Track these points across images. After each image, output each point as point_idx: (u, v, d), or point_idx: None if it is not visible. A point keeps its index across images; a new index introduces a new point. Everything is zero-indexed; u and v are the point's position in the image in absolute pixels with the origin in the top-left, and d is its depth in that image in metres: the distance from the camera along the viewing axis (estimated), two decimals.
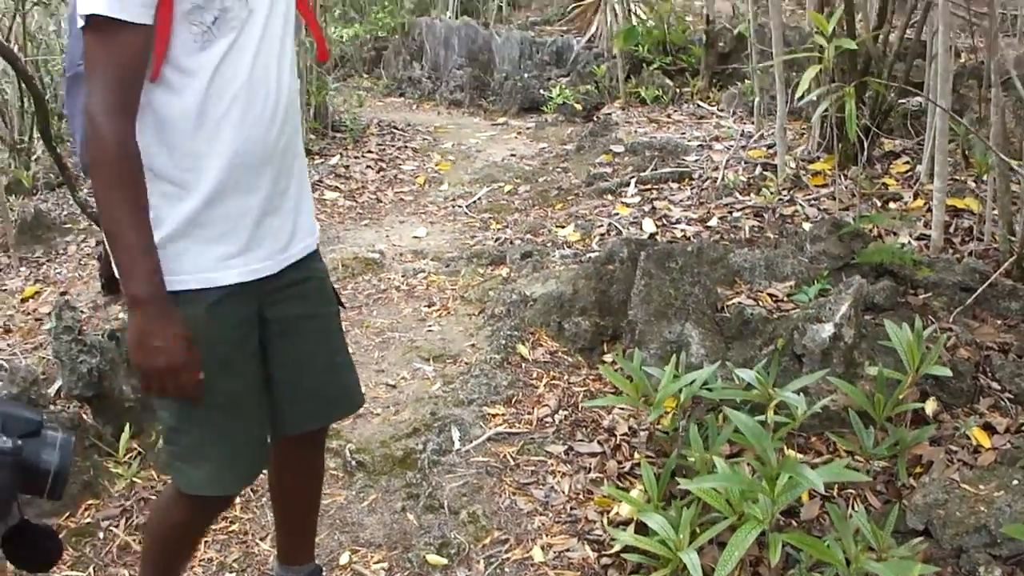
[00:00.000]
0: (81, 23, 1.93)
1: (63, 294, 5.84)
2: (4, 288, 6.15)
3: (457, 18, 12.46)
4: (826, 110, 5.28)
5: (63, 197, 8.01)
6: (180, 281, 2.09)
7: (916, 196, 5.38)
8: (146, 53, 1.98)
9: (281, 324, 2.29)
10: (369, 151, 8.75)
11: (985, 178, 4.94)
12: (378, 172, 8.18)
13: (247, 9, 2.06)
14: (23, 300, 5.85)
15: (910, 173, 5.70)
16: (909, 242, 4.86)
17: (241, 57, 2.07)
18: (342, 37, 14.01)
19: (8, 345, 5.11)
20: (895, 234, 4.99)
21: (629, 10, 9.69)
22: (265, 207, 2.17)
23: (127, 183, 1.98)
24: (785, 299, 4.32)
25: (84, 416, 3.86)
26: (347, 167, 8.21)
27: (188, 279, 2.10)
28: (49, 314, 5.49)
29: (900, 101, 5.96)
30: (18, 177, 8.43)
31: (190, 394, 2.08)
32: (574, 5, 11.93)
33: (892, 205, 5.38)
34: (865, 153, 5.47)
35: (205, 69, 2.03)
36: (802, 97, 4.86)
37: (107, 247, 2.10)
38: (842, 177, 5.66)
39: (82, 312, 5.12)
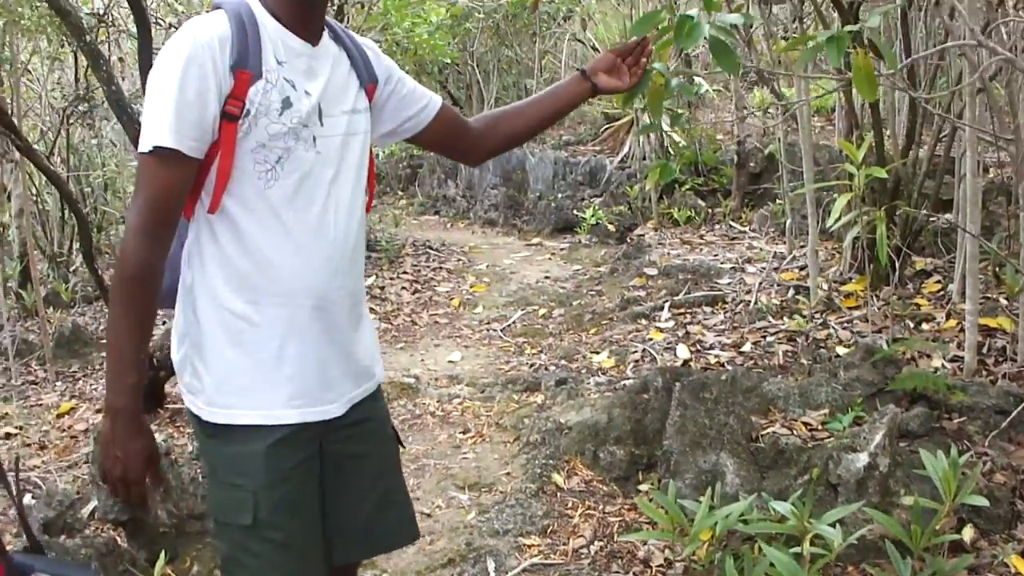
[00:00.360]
0: (144, 149, 2.01)
1: (98, 411, 5.90)
2: (40, 403, 6.22)
3: None
4: (858, 235, 5.32)
5: (100, 311, 8.13)
6: (241, 416, 2.13)
7: (948, 316, 5.38)
8: (188, 184, 2.05)
9: (336, 460, 2.30)
10: (404, 272, 8.87)
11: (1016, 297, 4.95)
12: (413, 294, 8.28)
13: (314, 151, 2.12)
14: (59, 416, 5.91)
15: (942, 292, 5.71)
16: (943, 365, 4.85)
17: (306, 199, 2.12)
18: (378, 155, 14.27)
19: (43, 462, 5.15)
20: (928, 357, 4.98)
21: (662, 132, 9.83)
22: (328, 349, 2.20)
23: (137, 301, 2.04)
24: (820, 427, 4.32)
25: (118, 540, 3.87)
26: (383, 288, 8.32)
27: (248, 415, 2.13)
28: (85, 431, 5.57)
29: (930, 219, 6.00)
30: (57, 290, 8.58)
31: (139, 504, 2.19)
32: (607, 125, 12.10)
33: (925, 326, 5.38)
34: (897, 273, 5.50)
35: (268, 207, 2.10)
36: (836, 222, 4.91)
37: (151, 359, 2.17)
38: (874, 298, 5.67)
39: None
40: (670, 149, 9.71)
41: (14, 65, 7.93)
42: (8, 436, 5.58)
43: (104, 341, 7.27)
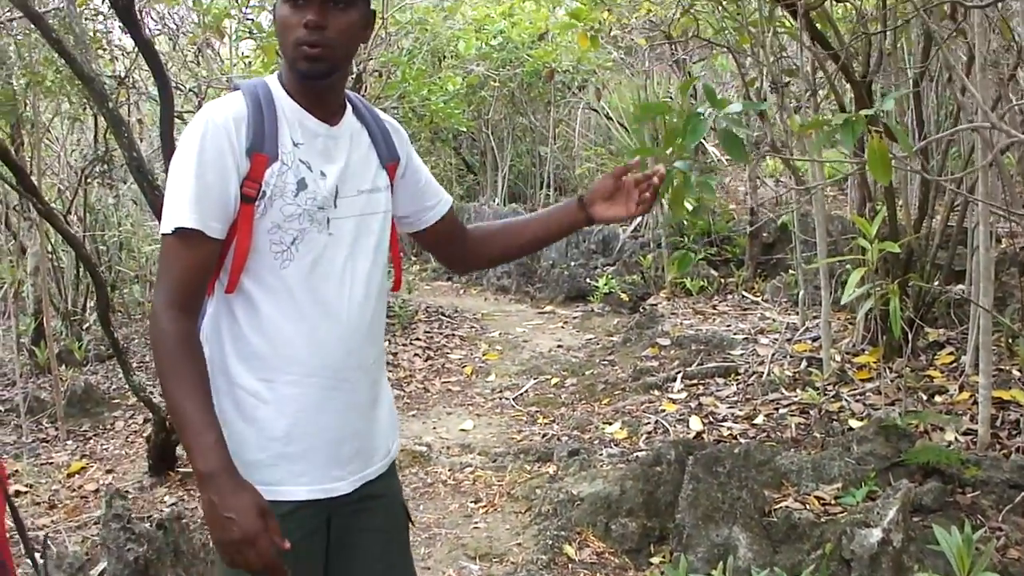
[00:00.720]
0: (166, 230, 2.04)
1: (109, 471, 5.91)
2: (51, 461, 6.22)
3: (505, 204, 12.74)
4: (871, 308, 5.34)
5: (112, 370, 8.15)
6: None
7: (961, 388, 5.37)
8: (212, 263, 2.08)
9: (342, 534, 2.30)
10: (417, 338, 8.89)
11: None
12: (426, 360, 8.29)
13: (326, 233, 2.15)
14: (69, 475, 5.92)
15: (955, 364, 5.71)
16: (956, 439, 4.84)
17: (320, 280, 2.14)
18: None
19: (52, 522, 5.16)
20: (941, 430, 4.98)
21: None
22: (341, 428, 2.21)
23: (188, 367, 2.03)
24: (833, 502, 4.30)
25: None
26: (395, 354, 8.33)
27: (258, 489, 2.11)
28: (96, 492, 5.57)
29: (943, 290, 6.01)
30: (70, 348, 8.61)
31: (271, 563, 2.00)
32: None
33: (938, 398, 5.37)
34: (909, 345, 5.50)
35: (284, 286, 2.12)
36: (850, 296, 4.93)
37: (156, 430, 2.15)
38: (887, 370, 5.67)
39: (128, 493, 5.18)
40: (683, 220, 9.74)
41: (36, 125, 8.04)
42: (18, 494, 5.58)
43: (117, 401, 7.34)
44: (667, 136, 2.69)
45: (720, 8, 5.68)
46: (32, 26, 5.47)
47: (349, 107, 2.29)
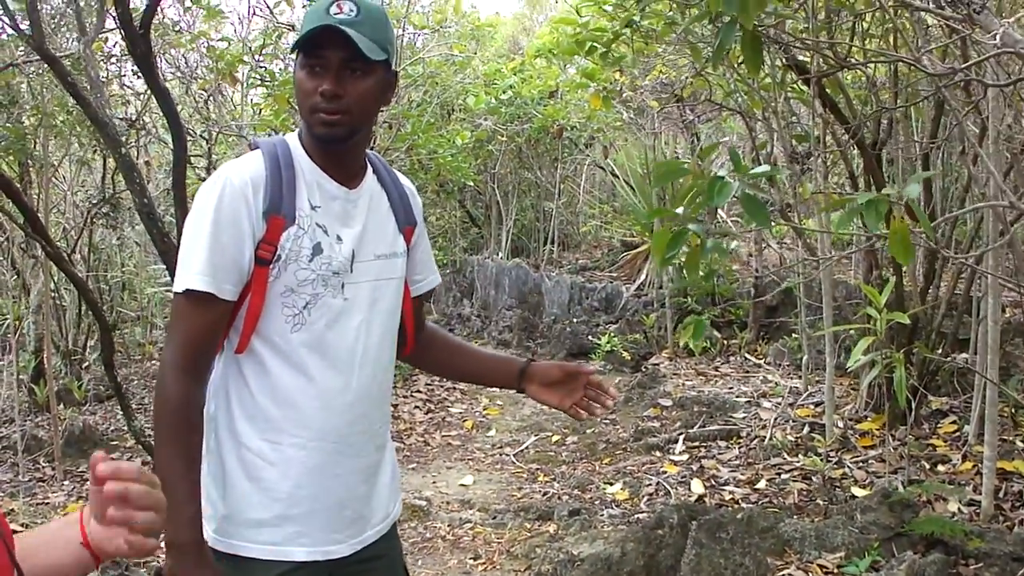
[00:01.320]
0: (178, 290, 2.04)
1: None
2: (46, 501, 6.18)
3: (509, 258, 12.77)
4: (878, 376, 5.32)
5: (111, 411, 8.11)
6: (248, 548, 2.12)
7: (964, 458, 5.35)
8: (222, 324, 2.08)
9: None
10: (418, 391, 8.87)
11: None
12: (426, 413, 8.27)
13: (341, 298, 2.14)
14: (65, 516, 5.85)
15: (957, 434, 5.69)
16: (959, 510, 4.82)
17: (332, 346, 2.14)
18: None
19: None
20: (944, 500, 4.95)
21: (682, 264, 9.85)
22: (344, 492, 2.20)
23: (183, 436, 2.03)
24: (836, 571, 4.27)
25: None
26: (396, 406, 8.30)
27: (258, 549, 2.12)
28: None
29: (948, 359, 6.00)
30: (69, 387, 8.59)
31: None
32: (624, 252, 12.20)
33: (940, 468, 5.35)
34: (913, 413, 5.48)
35: (295, 350, 2.11)
36: (855, 363, 4.92)
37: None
38: (890, 438, 5.65)
39: None
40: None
41: (45, 165, 8.07)
42: (14, 533, 5.51)
43: (116, 443, 7.29)
44: (679, 196, 2.69)
45: (732, 72, 5.71)
46: (46, 66, 5.50)
47: (369, 168, 2.29)
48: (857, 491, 5.14)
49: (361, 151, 2.25)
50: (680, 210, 2.63)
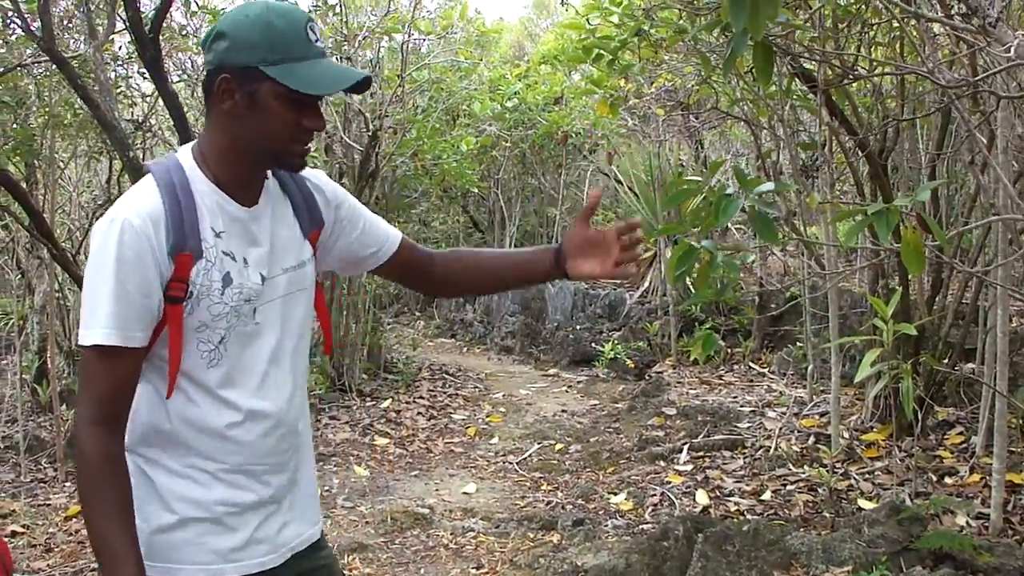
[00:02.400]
0: (85, 343, 1.95)
1: None
2: (48, 503, 6.15)
3: None
4: (885, 387, 5.30)
5: None
6: (179, 570, 2.09)
7: (972, 470, 5.32)
8: (137, 371, 2.01)
9: None
10: (421, 396, 8.84)
11: None
12: (429, 420, 8.24)
13: (253, 323, 2.10)
14: (66, 518, 5.83)
15: (965, 445, 5.66)
16: (968, 523, 4.79)
17: (247, 372, 2.10)
18: None
19: (48, 566, 5.09)
20: (952, 513, 4.92)
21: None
22: (269, 505, 2.18)
23: (109, 489, 1.96)
24: None
25: None
26: (398, 412, 8.29)
27: (190, 569, 2.09)
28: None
29: (955, 368, 5.96)
30: (71, 387, 8.56)
31: None
32: None
33: (948, 480, 5.32)
34: (919, 424, 5.45)
35: (217, 384, 2.07)
36: (863, 374, 4.89)
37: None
38: (897, 449, 5.62)
39: None
40: (692, 287, 9.71)
41: (52, 165, 8.06)
42: (15, 535, 5.51)
43: None
44: (690, 214, 2.67)
45: (738, 80, 5.69)
46: (53, 67, 5.49)
47: (271, 178, 2.21)
48: (864, 503, 5.11)
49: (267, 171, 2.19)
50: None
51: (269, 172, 2.19)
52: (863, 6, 4.84)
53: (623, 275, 2.36)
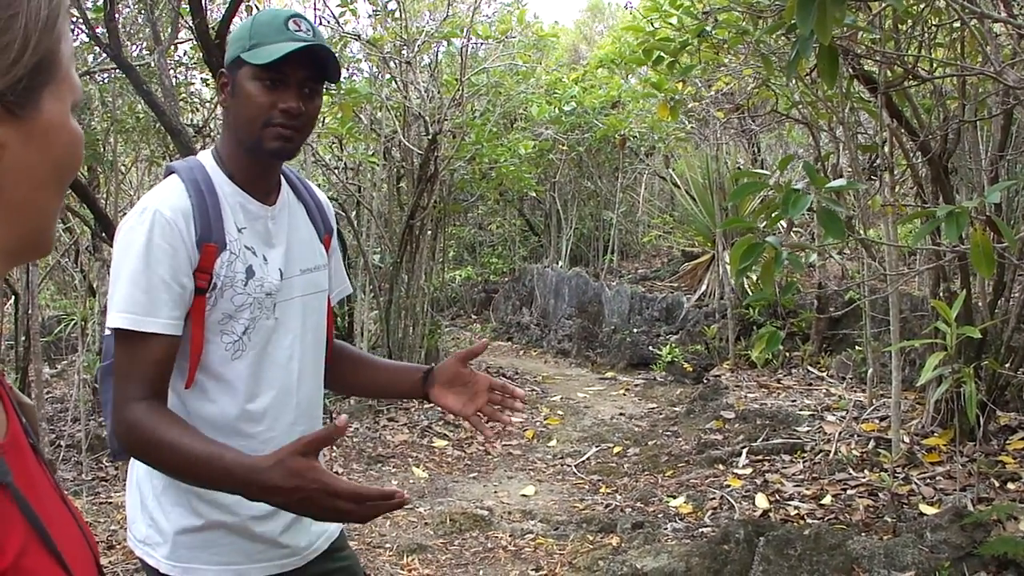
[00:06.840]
0: (117, 325, 1.97)
1: None
2: (109, 501, 6.22)
3: (568, 267, 12.75)
4: (947, 391, 5.25)
5: None
6: (203, 570, 2.13)
7: None
8: (172, 356, 2.02)
9: None
10: None
11: None
12: (487, 422, 8.24)
13: (273, 318, 2.13)
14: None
15: None
16: None
17: (270, 368, 2.14)
18: (454, 279, 14.43)
19: (110, 563, 5.14)
20: (1016, 519, 4.86)
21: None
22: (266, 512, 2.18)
23: (176, 441, 1.87)
24: None
25: None
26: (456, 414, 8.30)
27: (211, 570, 2.13)
28: None
29: (1018, 372, 5.89)
30: None
31: (378, 499, 1.75)
32: (685, 262, 12.14)
33: (1011, 485, 5.25)
34: (981, 429, 5.39)
35: (239, 378, 2.10)
36: (926, 379, 4.85)
37: None
38: (959, 454, 5.56)
39: None
40: (749, 290, 9.67)
41: (115, 169, 8.18)
42: None
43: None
44: (759, 209, 2.67)
45: (798, 83, 5.66)
46: (117, 72, 5.58)
47: (284, 182, 2.27)
48: (925, 508, 5.06)
49: (279, 167, 2.23)
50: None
51: (285, 182, 2.26)
52: (925, 6, 4.81)
53: (480, 428, 2.39)
